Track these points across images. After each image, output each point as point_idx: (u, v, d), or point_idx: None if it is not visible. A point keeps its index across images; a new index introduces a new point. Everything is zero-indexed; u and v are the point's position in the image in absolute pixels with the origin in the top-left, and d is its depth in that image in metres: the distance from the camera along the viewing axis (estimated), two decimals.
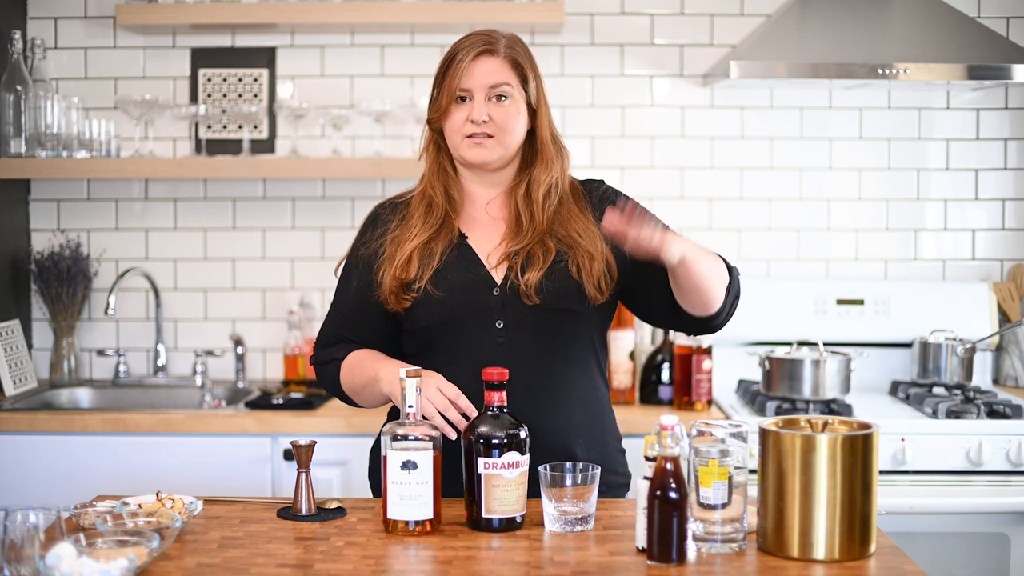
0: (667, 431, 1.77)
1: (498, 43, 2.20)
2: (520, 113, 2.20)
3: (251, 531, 1.97)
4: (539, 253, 2.16)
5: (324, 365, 2.29)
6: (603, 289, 2.16)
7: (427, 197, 2.24)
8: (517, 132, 2.20)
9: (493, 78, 2.17)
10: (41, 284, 3.57)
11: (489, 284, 2.17)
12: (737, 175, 3.68)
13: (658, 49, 3.65)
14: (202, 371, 3.59)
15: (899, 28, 3.36)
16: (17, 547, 1.63)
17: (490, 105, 2.17)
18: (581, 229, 2.19)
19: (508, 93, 2.18)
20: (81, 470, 3.09)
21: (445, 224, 2.21)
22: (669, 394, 3.33)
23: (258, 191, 3.69)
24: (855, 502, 1.78)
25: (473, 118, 2.16)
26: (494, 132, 2.17)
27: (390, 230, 2.25)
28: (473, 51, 2.18)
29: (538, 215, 2.20)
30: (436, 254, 2.18)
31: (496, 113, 2.17)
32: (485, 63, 2.18)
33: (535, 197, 2.21)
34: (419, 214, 2.22)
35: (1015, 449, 3.02)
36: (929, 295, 3.57)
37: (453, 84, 2.17)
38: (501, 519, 1.94)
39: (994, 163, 3.68)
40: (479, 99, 2.17)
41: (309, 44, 3.66)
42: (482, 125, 2.16)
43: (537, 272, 2.14)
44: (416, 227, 2.21)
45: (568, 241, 2.18)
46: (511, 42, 2.22)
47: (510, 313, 2.16)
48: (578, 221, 2.21)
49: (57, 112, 3.46)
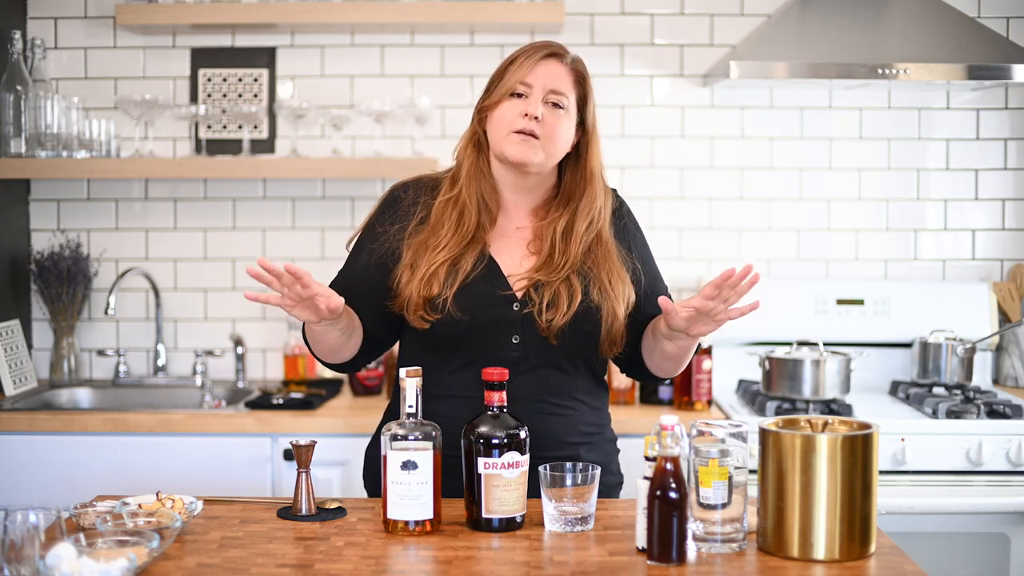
0: (667, 431, 1.77)
1: (566, 54, 2.19)
2: (570, 127, 2.17)
3: (251, 531, 1.97)
4: (564, 294, 2.13)
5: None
6: (617, 344, 2.17)
7: (460, 204, 2.18)
8: (562, 143, 2.16)
9: (554, 83, 2.15)
10: (41, 284, 3.57)
11: (510, 300, 2.15)
12: (737, 175, 3.68)
13: (658, 49, 3.65)
14: (202, 371, 3.59)
15: (899, 28, 3.36)
16: (17, 547, 1.63)
17: (545, 109, 2.14)
18: (614, 279, 2.16)
19: (564, 104, 2.15)
20: (81, 470, 3.09)
21: (476, 237, 2.16)
22: (669, 394, 3.33)
23: (258, 191, 3.69)
24: (855, 502, 1.78)
25: (529, 111, 2.12)
26: (541, 135, 2.13)
27: (410, 225, 2.19)
28: (541, 52, 2.16)
29: (572, 251, 2.16)
30: (462, 270, 2.13)
31: (549, 118, 2.14)
32: (550, 65, 2.16)
33: (577, 232, 2.17)
34: (450, 224, 2.16)
35: (1015, 449, 3.02)
36: (929, 295, 3.57)
37: (514, 77, 2.14)
38: (501, 519, 1.93)
39: (994, 163, 3.68)
40: (536, 97, 2.14)
41: (309, 44, 3.66)
42: (533, 123, 2.12)
43: (561, 316, 2.12)
44: (446, 239, 2.15)
45: (597, 285, 2.15)
46: (579, 60, 2.21)
47: (527, 330, 2.15)
48: (611, 268, 2.17)
49: (57, 112, 3.46)
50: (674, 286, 3.63)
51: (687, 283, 3.64)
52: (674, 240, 3.67)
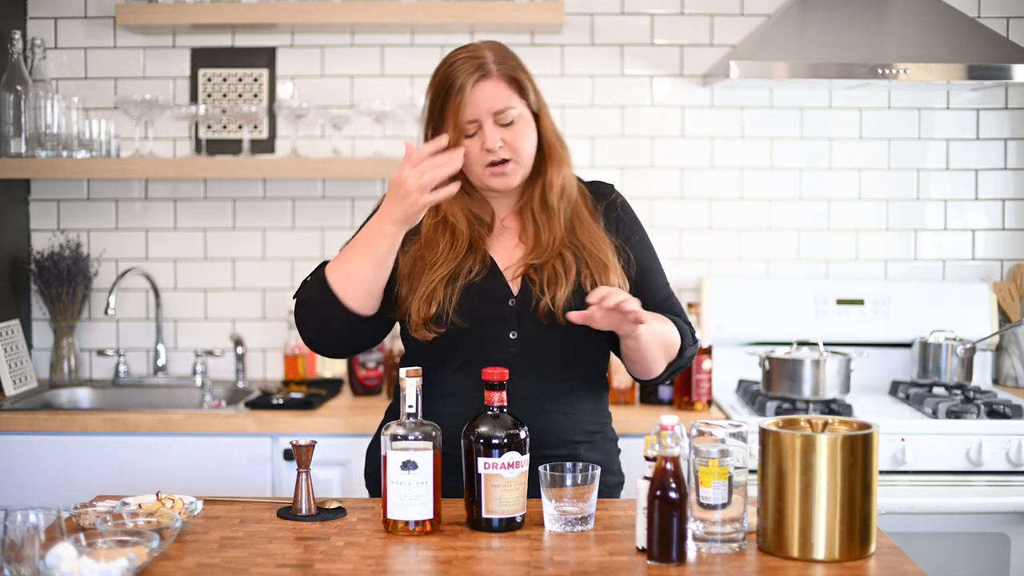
0: (667, 431, 1.77)
1: (488, 64, 2.14)
2: (529, 127, 2.17)
3: (251, 531, 1.97)
4: (560, 270, 2.14)
5: (307, 282, 2.19)
6: None
7: (450, 226, 2.18)
8: (530, 148, 2.18)
9: (496, 103, 2.12)
10: (41, 284, 3.57)
11: (506, 296, 2.16)
12: (737, 175, 3.68)
13: (658, 49, 3.65)
14: (202, 371, 3.59)
15: (899, 28, 3.36)
16: (17, 547, 1.63)
17: (500, 130, 2.13)
18: (594, 240, 2.18)
19: (513, 115, 2.14)
20: (81, 470, 3.09)
21: (474, 247, 2.17)
22: (669, 394, 3.33)
23: (258, 191, 3.69)
24: (855, 502, 1.78)
25: (488, 146, 2.12)
26: (510, 155, 2.14)
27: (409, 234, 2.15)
28: (470, 79, 2.11)
29: (556, 224, 2.17)
30: (462, 277, 2.13)
31: (508, 136, 2.14)
32: (483, 88, 2.12)
33: (551, 203, 2.19)
34: (444, 243, 2.17)
35: (1015, 449, 3.02)
36: (929, 295, 3.57)
37: (460, 118, 2.12)
38: (501, 519, 1.93)
39: (994, 163, 3.68)
40: (489, 126, 2.12)
41: (309, 44, 3.66)
42: (498, 151, 2.13)
43: (563, 290, 2.12)
44: (443, 256, 2.15)
45: (582, 253, 2.16)
46: (499, 56, 2.16)
47: (525, 324, 2.15)
48: (588, 232, 2.19)
49: (57, 112, 3.46)
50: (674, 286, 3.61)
51: (687, 283, 3.64)
52: (674, 240, 3.67)
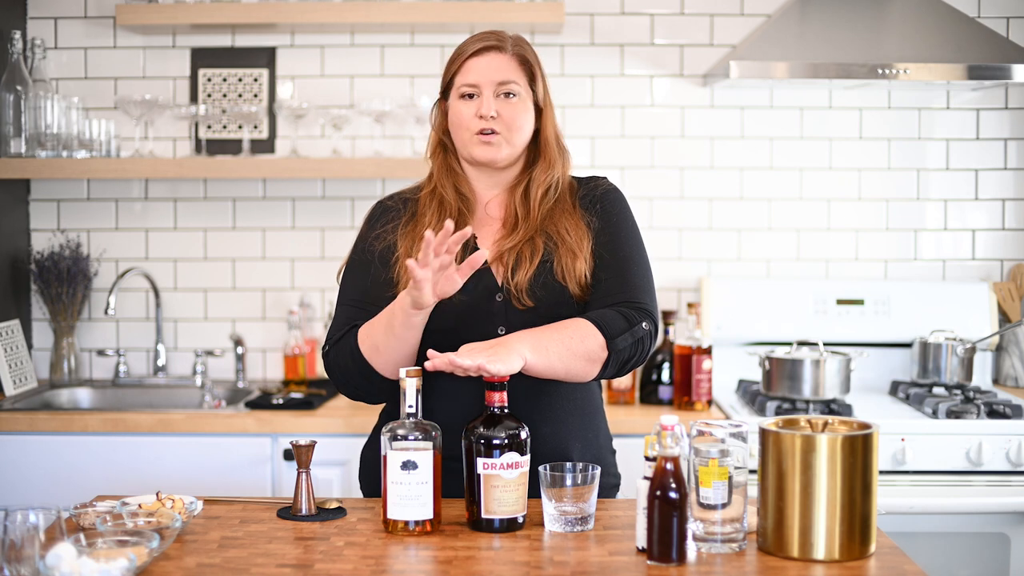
0: (667, 431, 1.77)
1: (505, 41, 2.19)
2: (528, 111, 2.19)
3: (251, 531, 1.97)
4: (527, 253, 2.14)
5: (338, 342, 2.14)
6: (586, 288, 2.15)
7: (437, 195, 2.22)
8: (524, 130, 2.19)
9: (501, 75, 2.16)
10: (41, 284, 3.57)
11: (493, 290, 2.16)
12: (737, 175, 3.68)
13: (658, 49, 3.65)
14: (202, 371, 3.59)
15: (899, 28, 3.36)
16: (17, 547, 1.63)
17: (498, 102, 2.16)
18: (570, 226, 2.18)
19: (516, 91, 2.17)
20: (81, 470, 3.09)
21: (458, 223, 2.17)
22: (669, 394, 3.33)
23: (258, 191, 3.69)
24: (855, 502, 1.78)
25: (482, 112, 2.14)
26: (501, 129, 2.16)
27: (402, 224, 2.21)
28: (480, 47, 2.17)
29: (533, 213, 2.18)
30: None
31: (504, 110, 2.16)
32: (492, 59, 2.17)
33: (533, 195, 2.20)
34: (432, 211, 2.20)
35: (1015, 449, 3.02)
36: (929, 295, 3.57)
37: (460, 80, 2.16)
38: (501, 520, 1.93)
39: (994, 163, 3.68)
40: (487, 94, 2.15)
41: (309, 44, 3.66)
42: (491, 121, 2.14)
43: (524, 273, 2.12)
44: (432, 225, 2.17)
45: (556, 239, 2.16)
46: (518, 41, 2.21)
47: (512, 319, 2.14)
48: (568, 218, 2.19)
49: (57, 112, 3.46)
50: (674, 286, 3.66)
51: (687, 283, 3.65)
52: (674, 240, 3.67)
